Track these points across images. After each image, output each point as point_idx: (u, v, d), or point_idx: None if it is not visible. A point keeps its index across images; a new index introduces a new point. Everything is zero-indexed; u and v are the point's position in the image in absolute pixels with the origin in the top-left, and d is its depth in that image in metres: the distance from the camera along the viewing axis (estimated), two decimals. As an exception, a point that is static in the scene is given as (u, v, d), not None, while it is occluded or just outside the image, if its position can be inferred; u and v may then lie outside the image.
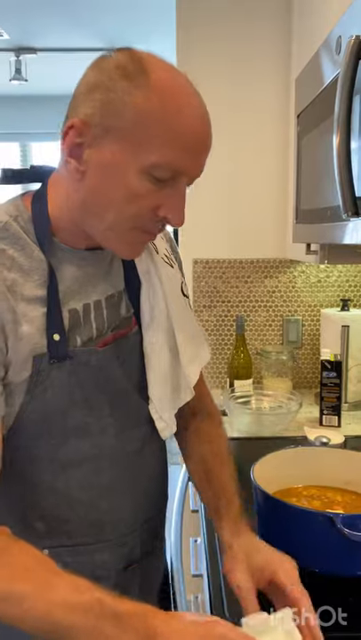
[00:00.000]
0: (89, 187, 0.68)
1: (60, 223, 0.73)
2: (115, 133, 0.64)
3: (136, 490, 0.83)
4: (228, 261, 1.93)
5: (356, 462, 1.04)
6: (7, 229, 0.69)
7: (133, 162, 0.65)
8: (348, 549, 0.84)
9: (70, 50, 3.68)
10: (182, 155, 0.66)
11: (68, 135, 0.66)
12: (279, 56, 1.79)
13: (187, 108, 0.66)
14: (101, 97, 0.64)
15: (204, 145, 0.69)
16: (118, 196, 0.66)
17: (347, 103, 0.80)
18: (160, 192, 0.67)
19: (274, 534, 0.93)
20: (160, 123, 0.64)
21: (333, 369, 1.56)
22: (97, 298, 0.76)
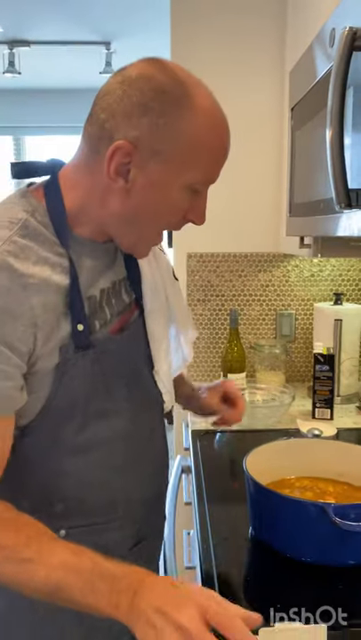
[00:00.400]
0: (134, 203, 0.73)
1: (79, 219, 0.76)
2: (163, 155, 0.70)
3: (145, 470, 0.90)
4: (221, 255, 1.93)
5: (347, 453, 1.05)
6: (27, 226, 0.72)
7: (177, 180, 0.71)
8: (339, 539, 0.84)
9: (64, 43, 3.66)
10: (216, 168, 0.76)
11: (114, 156, 0.69)
12: (274, 49, 1.79)
13: (221, 127, 0.74)
14: (149, 121, 0.68)
15: (227, 153, 0.78)
16: (162, 211, 0.74)
17: (340, 94, 0.80)
18: (192, 200, 0.76)
19: (266, 525, 0.94)
20: (205, 145, 0.71)
21: (326, 362, 1.56)
22: (106, 285, 0.81)
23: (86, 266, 0.78)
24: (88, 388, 0.77)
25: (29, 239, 0.71)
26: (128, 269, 0.87)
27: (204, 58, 1.82)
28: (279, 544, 0.91)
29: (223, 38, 1.81)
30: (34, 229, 0.72)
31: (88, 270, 0.78)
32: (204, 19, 1.80)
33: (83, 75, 4.23)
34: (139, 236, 0.77)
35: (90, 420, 0.78)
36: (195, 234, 1.92)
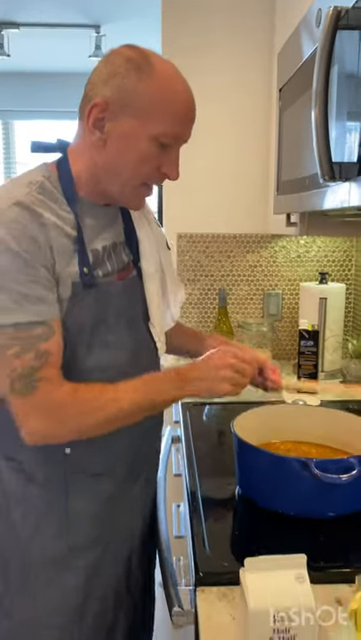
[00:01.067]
0: (110, 152, 0.87)
1: (82, 182, 0.91)
2: (130, 110, 0.84)
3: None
4: (211, 236, 1.98)
5: (330, 418, 1.11)
6: (43, 187, 0.87)
7: (145, 131, 0.85)
8: (320, 493, 0.90)
9: (54, 25, 3.64)
10: (179, 125, 0.87)
11: (92, 112, 0.85)
12: (263, 32, 1.83)
13: (181, 90, 0.87)
14: (118, 83, 0.84)
15: (193, 115, 0.90)
16: (133, 159, 0.87)
17: (325, 72, 0.84)
18: (163, 154, 0.88)
19: (253, 481, 0.99)
20: (163, 102, 0.85)
21: (311, 338, 1.62)
22: (107, 243, 0.95)
23: (89, 224, 0.91)
24: (93, 320, 0.90)
25: (44, 196, 0.86)
26: (126, 235, 1.00)
27: (194, 41, 1.85)
28: (264, 499, 0.96)
29: (213, 22, 1.84)
30: (48, 190, 0.87)
31: (90, 228, 0.92)
32: (195, 2, 1.83)
33: (72, 58, 4.21)
34: (122, 185, 0.90)
35: (95, 347, 0.90)
36: (185, 215, 1.97)
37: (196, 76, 1.97)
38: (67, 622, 0.93)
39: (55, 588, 0.93)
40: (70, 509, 0.92)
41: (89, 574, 0.94)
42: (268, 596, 0.60)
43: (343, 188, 0.90)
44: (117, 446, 0.96)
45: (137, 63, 0.84)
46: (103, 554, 0.96)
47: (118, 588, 0.99)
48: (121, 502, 0.98)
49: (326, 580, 0.78)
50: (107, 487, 0.95)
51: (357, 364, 1.67)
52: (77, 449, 0.92)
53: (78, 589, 0.94)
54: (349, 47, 0.87)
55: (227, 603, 0.75)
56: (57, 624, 0.93)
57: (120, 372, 0.93)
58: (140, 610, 1.04)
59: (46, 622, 0.93)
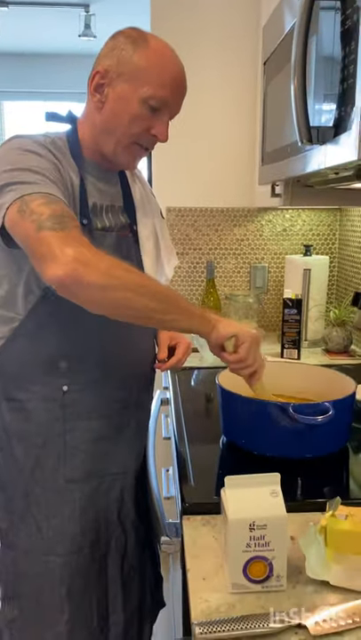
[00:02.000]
0: (107, 112, 0.98)
1: (85, 144, 1.02)
2: (125, 77, 0.96)
3: (134, 345, 1.09)
4: (199, 210, 2.03)
5: (308, 373, 1.19)
6: (55, 143, 0.99)
7: (136, 95, 0.96)
8: (298, 435, 0.97)
9: (43, 4, 3.64)
10: (167, 91, 0.97)
11: (94, 78, 0.98)
12: (250, 5, 1.87)
13: (171, 62, 0.99)
14: (117, 54, 0.97)
15: (182, 88, 1.01)
16: (126, 118, 0.97)
17: (303, 40, 0.90)
18: (153, 117, 0.98)
19: (236, 427, 1.07)
20: (153, 69, 0.96)
21: (294, 306, 1.69)
22: (106, 203, 1.04)
23: (91, 181, 1.02)
24: None
25: (56, 151, 0.96)
26: (124, 200, 1.09)
27: (182, 18, 1.89)
28: (247, 443, 1.04)
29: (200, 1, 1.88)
30: (58, 146, 0.98)
31: (92, 185, 1.02)
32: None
33: (62, 38, 4.21)
34: (116, 143, 0.99)
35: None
36: (174, 189, 2.03)
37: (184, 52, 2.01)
38: (68, 551, 1.02)
39: (55, 516, 1.01)
40: (67, 447, 1.00)
41: (84, 505, 1.03)
42: (245, 508, 0.67)
43: (320, 151, 0.96)
44: (110, 388, 1.04)
45: (134, 38, 0.97)
46: (97, 487, 1.05)
47: (110, 519, 1.07)
48: (114, 442, 1.06)
49: (303, 510, 0.85)
50: (100, 427, 1.03)
51: (339, 332, 1.75)
52: (73, 388, 1.00)
53: (75, 519, 1.02)
54: (327, 18, 0.92)
55: (210, 528, 0.82)
56: (59, 552, 1.02)
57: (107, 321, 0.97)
58: (131, 538, 1.12)
59: (49, 549, 1.02)
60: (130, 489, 1.10)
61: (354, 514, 0.74)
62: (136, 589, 1.15)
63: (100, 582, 1.07)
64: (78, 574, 1.03)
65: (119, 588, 1.09)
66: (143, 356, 1.13)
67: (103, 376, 1.03)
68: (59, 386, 0.99)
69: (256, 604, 0.66)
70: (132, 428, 1.10)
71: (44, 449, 1.00)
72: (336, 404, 0.97)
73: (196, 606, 0.65)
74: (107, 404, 1.05)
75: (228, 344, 0.96)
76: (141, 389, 1.13)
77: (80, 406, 1.01)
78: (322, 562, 0.69)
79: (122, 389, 1.07)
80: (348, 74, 0.82)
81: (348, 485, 0.98)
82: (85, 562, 1.04)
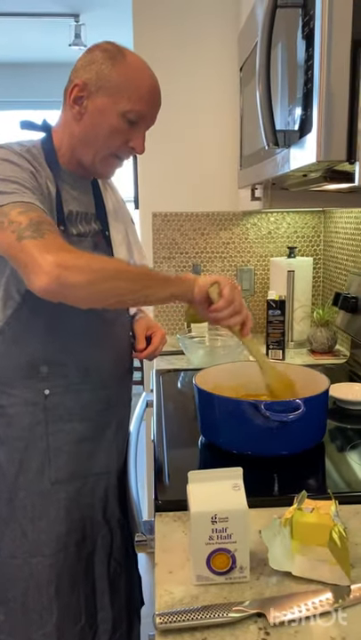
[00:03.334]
0: (86, 124, 1.01)
1: (61, 153, 1.04)
2: (104, 91, 0.99)
3: (113, 346, 1.12)
4: (185, 214, 2.05)
5: (286, 372, 1.20)
6: (30, 151, 1.01)
7: (115, 108, 0.99)
8: (272, 432, 0.99)
9: (32, 15, 3.68)
10: (145, 105, 1.01)
11: (73, 90, 1.00)
12: (229, 13, 1.91)
13: (147, 77, 1.02)
14: (96, 68, 1.00)
15: (158, 101, 1.05)
16: (105, 131, 1.01)
17: (266, 47, 0.92)
18: (130, 131, 1.02)
19: (213, 426, 1.08)
20: (132, 84, 0.99)
21: (278, 307, 1.71)
22: (81, 210, 1.07)
23: (66, 189, 1.04)
24: None
25: (31, 159, 0.98)
26: (97, 207, 1.12)
27: (164, 26, 1.92)
28: (223, 441, 1.05)
29: (181, 7, 1.91)
30: (33, 154, 1.01)
31: (67, 192, 1.04)
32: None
33: (52, 48, 4.25)
34: (94, 154, 1.03)
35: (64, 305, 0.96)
36: (160, 194, 2.05)
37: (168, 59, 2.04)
38: (54, 551, 1.04)
39: (41, 519, 1.03)
40: (50, 449, 1.02)
41: (69, 506, 1.05)
42: (207, 501, 0.69)
43: (288, 153, 0.98)
44: (91, 390, 1.06)
45: (112, 53, 1.00)
46: (82, 488, 1.06)
47: (95, 517, 1.09)
48: (96, 443, 1.08)
49: (277, 505, 0.86)
50: (83, 428, 1.06)
51: (323, 332, 1.76)
52: (55, 391, 1.02)
53: (61, 520, 1.04)
54: (292, 24, 0.95)
55: (181, 523, 0.84)
56: (45, 552, 1.03)
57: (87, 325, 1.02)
58: (117, 536, 1.14)
59: (35, 551, 1.03)
60: (113, 488, 1.12)
61: (320, 507, 0.76)
62: (123, 586, 1.16)
63: (87, 579, 1.09)
64: (65, 572, 1.05)
65: (106, 585, 1.11)
66: (121, 356, 1.15)
67: (84, 378, 1.05)
68: (40, 390, 1.01)
69: (219, 596, 0.68)
70: (112, 428, 1.12)
71: (27, 452, 1.02)
72: (308, 402, 0.99)
73: (160, 598, 0.67)
74: (88, 406, 1.07)
75: (212, 292, 0.98)
76: (121, 389, 1.16)
77: (62, 409, 1.03)
78: (285, 553, 0.71)
79: (102, 390, 1.09)
80: (308, 78, 0.84)
81: (323, 481, 1.00)
82: (72, 560, 1.06)
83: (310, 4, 0.82)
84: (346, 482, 0.97)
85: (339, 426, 1.22)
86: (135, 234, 1.24)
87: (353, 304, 1.55)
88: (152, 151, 2.05)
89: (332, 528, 0.70)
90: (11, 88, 4.84)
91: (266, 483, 0.96)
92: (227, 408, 1.03)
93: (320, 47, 0.79)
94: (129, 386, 1.21)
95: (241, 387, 1.20)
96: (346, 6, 0.77)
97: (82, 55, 1.03)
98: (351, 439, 1.14)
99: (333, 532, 0.69)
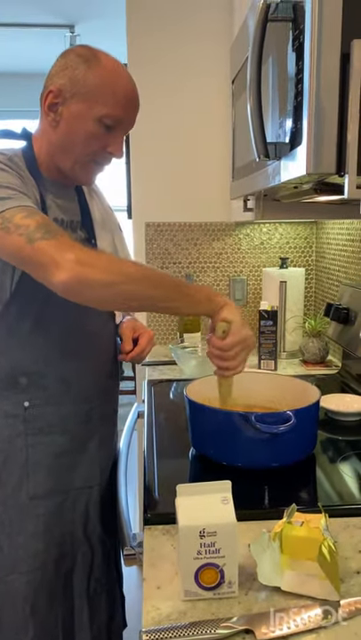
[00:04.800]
0: (62, 131, 0.99)
1: (41, 160, 1.03)
2: (79, 96, 0.97)
3: (96, 358, 1.10)
4: (178, 225, 2.06)
5: (275, 382, 1.20)
6: (12, 160, 0.99)
7: (91, 114, 0.97)
8: (263, 444, 0.98)
9: (27, 25, 3.70)
10: (121, 109, 0.99)
11: (48, 97, 0.99)
12: (222, 25, 1.92)
13: (123, 80, 0.99)
14: (69, 73, 0.97)
15: (135, 104, 1.02)
16: (82, 137, 0.98)
17: (257, 60, 0.93)
18: (108, 135, 0.99)
19: (203, 437, 1.08)
20: (107, 88, 0.97)
21: (270, 318, 1.71)
22: (66, 219, 1.06)
23: (50, 198, 1.03)
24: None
25: (14, 168, 0.97)
26: (82, 215, 1.10)
27: (158, 37, 1.93)
28: (214, 453, 1.04)
29: (175, 19, 1.93)
30: (16, 163, 0.99)
31: (51, 200, 1.03)
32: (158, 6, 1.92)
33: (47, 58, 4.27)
34: (73, 161, 1.01)
35: (49, 308, 0.98)
36: (153, 204, 2.06)
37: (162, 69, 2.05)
38: (31, 568, 1.01)
39: (18, 534, 1.00)
40: (29, 462, 1.00)
41: (48, 521, 1.02)
42: (196, 515, 0.68)
43: (279, 166, 0.99)
44: (72, 402, 1.04)
45: (86, 58, 0.97)
46: (62, 503, 1.04)
47: (75, 533, 1.07)
48: (77, 456, 1.06)
49: (267, 518, 0.86)
50: (63, 442, 1.03)
51: (315, 343, 1.77)
52: (35, 403, 1.00)
53: (39, 536, 1.01)
54: (282, 38, 0.95)
55: (170, 537, 0.83)
56: (22, 569, 1.00)
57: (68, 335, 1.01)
58: (98, 553, 1.11)
59: (11, 568, 1.00)
60: (95, 503, 1.10)
61: (310, 520, 0.75)
62: (104, 606, 1.14)
63: (65, 598, 1.06)
64: (42, 590, 1.02)
65: (85, 603, 1.08)
66: (105, 369, 1.14)
67: (65, 391, 1.03)
68: (20, 401, 0.99)
69: (207, 611, 0.67)
70: (95, 442, 1.10)
71: (6, 465, 1.00)
72: (298, 413, 0.98)
73: (148, 614, 0.66)
74: (69, 419, 1.05)
75: (219, 327, 0.97)
76: (104, 402, 1.13)
77: (42, 421, 1.01)
78: (274, 568, 0.70)
79: (84, 403, 1.07)
80: (298, 91, 0.84)
81: (314, 493, 0.99)
82: (50, 577, 1.03)
83: (300, 18, 0.83)
84: (336, 494, 0.96)
85: (330, 437, 1.22)
86: (123, 241, 1.23)
87: (344, 315, 1.55)
88: (145, 161, 2.07)
89: (322, 542, 0.69)
90: (5, 97, 4.86)
91: (256, 495, 0.95)
92: (217, 419, 1.02)
93: (310, 61, 0.79)
94: (113, 400, 1.19)
95: (234, 397, 1.19)
96: (335, 20, 0.78)
97: (56, 60, 1.01)
98: (342, 451, 1.14)
99: (323, 547, 0.68)
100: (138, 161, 2.01)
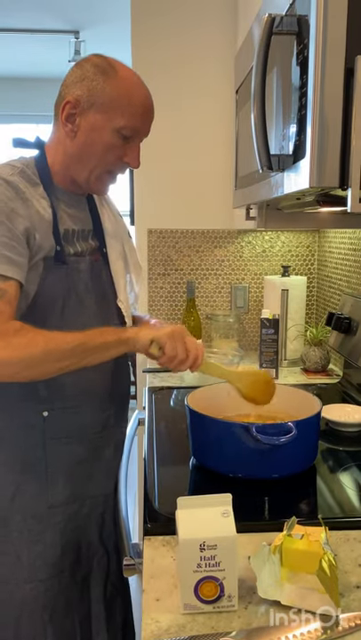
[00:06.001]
0: (80, 142, 1.00)
1: (55, 170, 1.04)
2: (97, 107, 0.98)
3: (113, 368, 1.11)
4: (180, 232, 2.06)
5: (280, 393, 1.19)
6: (23, 172, 1.00)
7: (109, 125, 0.98)
8: (263, 455, 0.98)
9: (33, 31, 3.72)
10: (139, 120, 1.01)
11: (65, 108, 0.99)
12: (226, 35, 1.93)
13: (139, 90, 1.01)
14: (87, 84, 0.98)
15: (151, 113, 1.04)
16: (100, 148, 1.00)
17: (261, 72, 0.93)
18: (125, 146, 1.01)
19: (203, 447, 1.08)
20: (124, 99, 0.98)
21: (271, 326, 1.71)
22: (77, 228, 1.07)
23: (62, 208, 1.04)
24: (63, 294, 1.00)
25: (25, 181, 0.98)
26: (94, 224, 1.12)
27: (163, 44, 1.95)
28: (214, 463, 1.04)
29: (181, 27, 1.94)
30: (28, 176, 1.00)
31: (63, 211, 1.04)
32: (162, 15, 1.93)
33: (52, 63, 4.29)
34: (89, 172, 1.02)
35: (65, 320, 1.00)
36: (155, 211, 2.06)
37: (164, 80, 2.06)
38: (49, 576, 1.02)
39: (37, 543, 1.01)
40: (48, 472, 1.01)
41: (65, 529, 1.03)
42: (196, 528, 0.68)
43: (281, 177, 0.99)
44: (91, 412, 1.06)
45: (103, 68, 0.98)
46: (79, 509, 1.06)
47: (91, 539, 1.08)
48: (94, 464, 1.07)
49: (267, 530, 0.85)
50: (81, 451, 1.04)
51: (316, 352, 1.77)
52: (54, 413, 1.01)
53: (56, 543, 1.02)
54: (287, 51, 0.96)
55: (170, 548, 0.83)
56: (40, 577, 1.01)
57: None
58: (114, 559, 1.12)
59: (29, 577, 1.01)
60: (110, 510, 1.11)
61: (310, 533, 0.75)
62: (119, 610, 1.14)
63: (82, 603, 1.07)
64: (60, 596, 1.03)
65: (102, 608, 1.09)
66: (120, 377, 1.15)
67: (83, 400, 1.05)
68: (39, 411, 1.00)
69: (207, 625, 0.67)
70: (110, 449, 1.12)
71: (25, 475, 1.00)
72: (300, 424, 0.98)
73: (147, 627, 0.66)
74: (86, 427, 1.06)
75: (153, 351, 0.99)
76: (119, 410, 1.15)
77: (60, 431, 1.02)
78: (274, 581, 0.70)
79: (101, 412, 1.09)
80: (302, 105, 0.85)
81: (315, 505, 0.99)
82: (67, 583, 1.04)
83: (305, 32, 0.83)
84: (337, 506, 0.96)
85: (331, 448, 1.21)
86: (132, 249, 1.24)
87: (346, 324, 1.55)
88: (149, 168, 2.07)
89: (322, 556, 0.69)
90: (10, 102, 4.88)
91: (257, 507, 0.95)
92: (217, 430, 1.02)
93: (314, 75, 0.80)
94: (126, 407, 1.20)
95: (234, 407, 1.19)
96: (339, 35, 0.78)
97: (72, 70, 1.02)
98: (343, 462, 1.14)
99: (323, 561, 0.68)
100: (141, 168, 2.00)
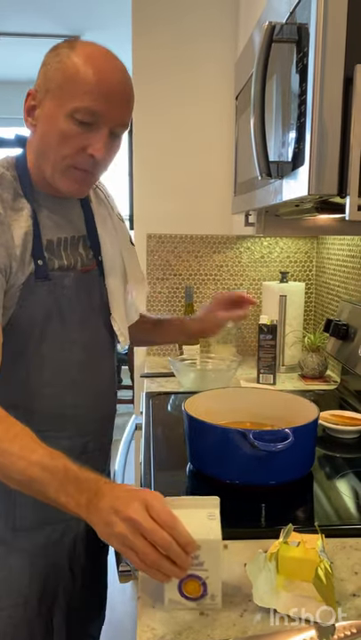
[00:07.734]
0: (38, 136, 0.91)
1: (33, 172, 0.94)
2: (50, 93, 0.87)
3: (94, 393, 1.04)
4: (179, 237, 2.07)
5: (274, 398, 1.20)
6: (3, 178, 0.91)
7: (61, 110, 0.86)
8: (260, 461, 0.98)
9: (33, 35, 3.74)
10: (97, 101, 0.85)
11: (26, 102, 0.91)
12: (227, 41, 1.94)
13: (102, 68, 0.86)
14: (43, 70, 0.89)
15: (120, 95, 0.88)
16: (54, 139, 0.88)
17: (261, 79, 0.94)
18: (86, 135, 0.87)
19: (200, 453, 1.07)
20: (78, 77, 0.84)
21: (269, 332, 1.71)
22: (64, 235, 0.98)
23: (45, 215, 0.95)
24: (44, 314, 0.92)
25: (2, 189, 0.89)
26: (88, 229, 1.03)
27: (163, 50, 1.95)
28: (211, 469, 1.04)
29: (181, 33, 1.95)
30: (8, 182, 0.91)
31: (47, 219, 0.95)
32: (163, 18, 1.94)
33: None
34: (52, 168, 0.90)
35: (45, 343, 0.93)
36: (154, 216, 2.07)
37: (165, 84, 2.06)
38: (13, 603, 0.96)
39: (2, 570, 0.95)
40: (17, 495, 0.92)
41: (33, 555, 0.97)
42: None
43: (280, 184, 0.99)
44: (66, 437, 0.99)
45: (59, 51, 0.87)
46: (48, 536, 0.99)
47: (61, 567, 1.02)
48: None
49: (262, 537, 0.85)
50: None
51: (314, 358, 1.77)
52: None
53: (24, 570, 0.96)
54: (287, 58, 0.97)
55: (166, 554, 0.82)
56: (3, 605, 0.95)
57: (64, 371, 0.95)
58: (78, 587, 1.05)
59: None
60: (82, 533, 1.04)
61: (306, 541, 0.75)
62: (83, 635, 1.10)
63: (47, 633, 1.00)
64: (23, 626, 0.96)
65: (64, 636, 1.02)
66: (102, 401, 1.08)
67: (58, 425, 0.97)
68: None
69: (203, 633, 0.66)
70: None
71: None
72: (296, 431, 0.98)
73: (142, 634, 0.66)
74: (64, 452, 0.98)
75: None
76: (100, 435, 1.08)
77: None
78: (270, 589, 0.70)
79: (79, 438, 1.02)
80: (301, 112, 0.85)
81: (312, 512, 0.99)
82: (32, 614, 0.97)
83: (305, 40, 0.84)
84: (334, 514, 0.96)
85: (328, 454, 1.21)
86: (134, 257, 1.15)
87: (344, 331, 1.56)
88: (148, 173, 2.08)
89: (319, 564, 0.69)
90: (11, 105, 4.89)
91: (253, 513, 0.95)
92: (215, 436, 1.02)
93: (313, 83, 0.80)
94: (110, 430, 1.13)
95: (231, 413, 1.19)
96: (339, 44, 0.79)
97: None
98: (340, 468, 1.14)
99: (319, 569, 0.68)
100: (141, 172, 2.03)
